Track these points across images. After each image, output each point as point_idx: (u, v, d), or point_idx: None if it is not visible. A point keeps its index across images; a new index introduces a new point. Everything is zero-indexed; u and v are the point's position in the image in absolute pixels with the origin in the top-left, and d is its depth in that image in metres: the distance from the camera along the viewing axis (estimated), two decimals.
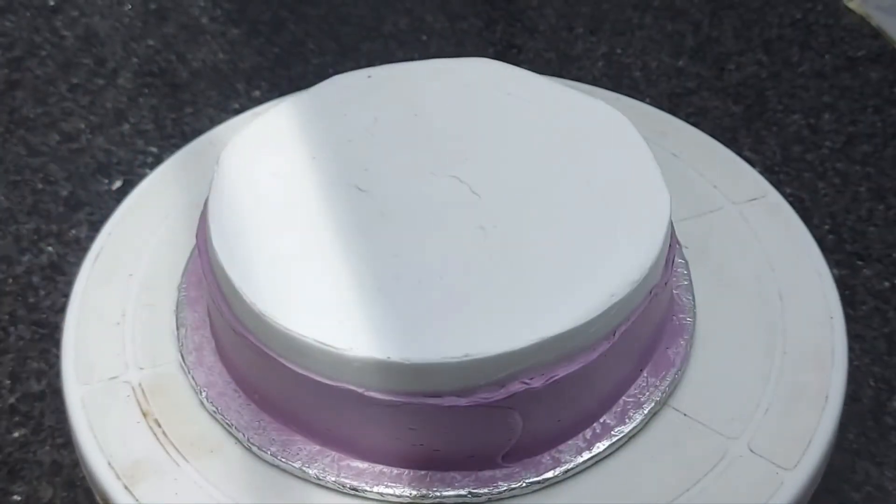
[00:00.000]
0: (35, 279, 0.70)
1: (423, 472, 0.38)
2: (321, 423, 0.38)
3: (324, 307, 0.37)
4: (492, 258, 0.38)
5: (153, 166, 0.66)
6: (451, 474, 0.38)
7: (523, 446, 0.38)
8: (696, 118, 0.82)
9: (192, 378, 0.42)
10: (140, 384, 0.42)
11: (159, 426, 0.41)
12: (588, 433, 0.39)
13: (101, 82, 0.87)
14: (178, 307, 0.45)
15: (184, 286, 0.46)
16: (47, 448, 0.60)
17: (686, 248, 0.47)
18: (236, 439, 0.40)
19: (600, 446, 0.39)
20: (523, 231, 0.39)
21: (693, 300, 0.44)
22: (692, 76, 0.87)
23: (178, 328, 0.44)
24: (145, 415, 0.41)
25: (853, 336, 0.65)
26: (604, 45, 0.91)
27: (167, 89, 0.86)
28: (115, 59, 0.90)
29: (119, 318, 0.45)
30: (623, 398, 0.40)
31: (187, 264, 0.47)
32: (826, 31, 0.92)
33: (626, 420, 0.40)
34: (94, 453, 0.40)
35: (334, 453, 0.39)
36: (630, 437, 0.40)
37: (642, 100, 0.62)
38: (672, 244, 0.42)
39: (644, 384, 0.41)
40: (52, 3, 0.96)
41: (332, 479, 0.38)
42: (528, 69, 0.48)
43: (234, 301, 0.38)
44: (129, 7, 0.95)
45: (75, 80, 0.88)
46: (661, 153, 0.50)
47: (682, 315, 0.44)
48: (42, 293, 0.69)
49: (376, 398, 0.36)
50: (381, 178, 0.42)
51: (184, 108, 0.85)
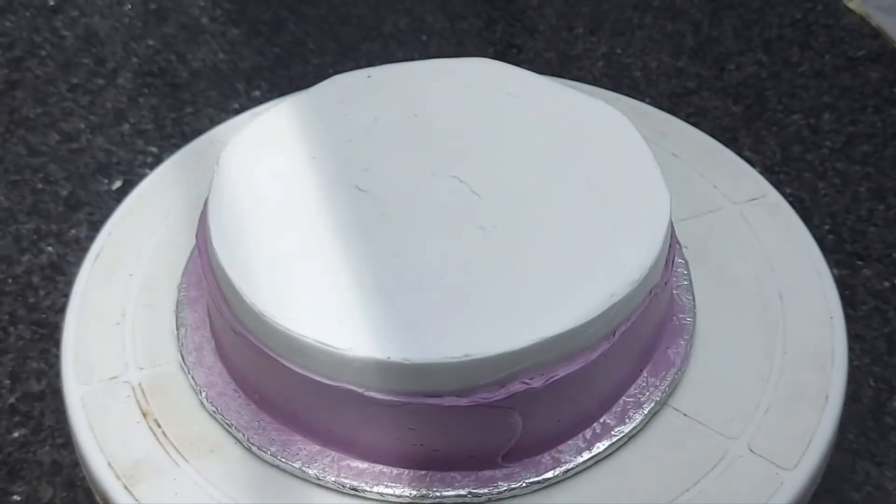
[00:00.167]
0: (35, 279, 0.70)
1: (423, 472, 0.38)
2: (321, 423, 0.38)
3: (324, 307, 0.37)
4: (492, 258, 0.38)
5: (153, 166, 0.66)
6: (451, 474, 0.38)
7: (523, 446, 0.38)
8: (696, 118, 0.82)
9: (192, 378, 0.42)
10: (140, 384, 0.42)
11: (159, 426, 0.41)
12: (588, 433, 0.39)
13: (101, 82, 0.87)
14: (178, 307, 0.45)
15: (184, 286, 0.46)
16: (47, 448, 0.60)
17: (686, 248, 0.47)
18: (236, 439, 0.40)
19: (600, 446, 0.39)
20: (523, 231, 0.39)
21: (693, 300, 0.44)
22: (692, 76, 0.87)
23: (178, 328, 0.44)
24: (145, 415, 0.41)
25: (853, 336, 0.65)
26: (604, 45, 0.91)
27: (167, 89, 0.86)
28: (115, 59, 0.90)
29: (119, 318, 0.45)
30: (623, 398, 0.40)
31: (187, 264, 0.47)
32: (826, 31, 0.92)
33: (626, 420, 0.40)
34: (94, 453, 0.40)
35: (334, 453, 0.39)
36: (630, 437, 0.40)
37: (642, 100, 0.62)
38: (672, 244, 0.42)
39: (644, 384, 0.41)
40: (52, 3, 0.96)
41: (332, 479, 0.38)
42: (528, 69, 0.48)
43: (234, 301, 0.39)
44: (129, 7, 0.95)
45: (75, 80, 0.88)
46: (661, 153, 0.50)
47: (682, 315, 0.44)
48: (42, 293, 0.69)
49: (376, 398, 0.36)
50: (381, 178, 0.42)
51: (184, 108, 0.85)
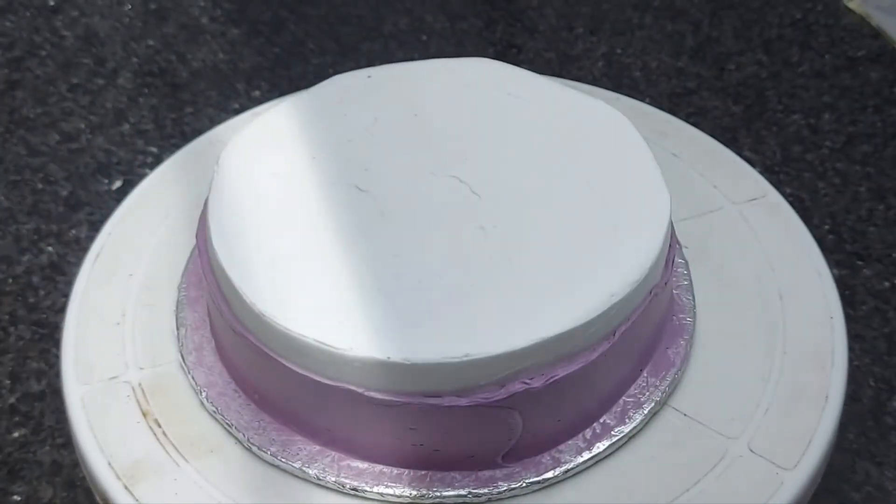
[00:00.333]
0: (35, 279, 0.70)
1: (423, 472, 0.38)
2: (321, 423, 0.38)
3: (324, 307, 0.37)
4: (492, 258, 0.38)
5: (153, 166, 0.66)
6: (451, 474, 0.38)
7: (523, 446, 0.38)
8: (696, 118, 0.82)
9: (192, 378, 0.42)
10: (140, 384, 0.42)
11: (159, 426, 0.41)
12: (588, 433, 0.39)
13: (101, 82, 0.87)
14: (178, 307, 0.45)
15: (184, 286, 0.46)
16: (47, 448, 0.60)
17: (686, 248, 0.47)
18: (236, 439, 0.40)
19: (600, 446, 0.39)
20: (523, 231, 0.39)
21: (693, 300, 0.44)
22: (692, 76, 0.87)
23: (178, 328, 0.44)
24: (145, 415, 0.41)
25: (853, 336, 0.65)
26: (604, 45, 0.91)
27: (167, 89, 0.86)
28: (115, 59, 0.90)
29: (119, 318, 0.45)
30: (623, 398, 0.40)
31: (187, 264, 0.47)
32: (826, 31, 0.92)
33: (626, 420, 0.40)
34: (94, 453, 0.40)
35: (334, 453, 0.39)
36: (630, 437, 0.40)
37: (642, 100, 0.62)
38: (672, 244, 0.42)
39: (644, 384, 0.41)
40: (52, 3, 0.96)
41: (333, 479, 0.38)
42: (528, 69, 0.48)
43: (234, 301, 0.38)
44: (129, 7, 0.95)
45: (75, 80, 0.88)
46: (661, 153, 0.50)
47: (682, 315, 0.44)
48: (42, 293, 0.69)
49: (376, 398, 0.36)
50: (381, 178, 0.42)
51: (184, 108, 0.85)
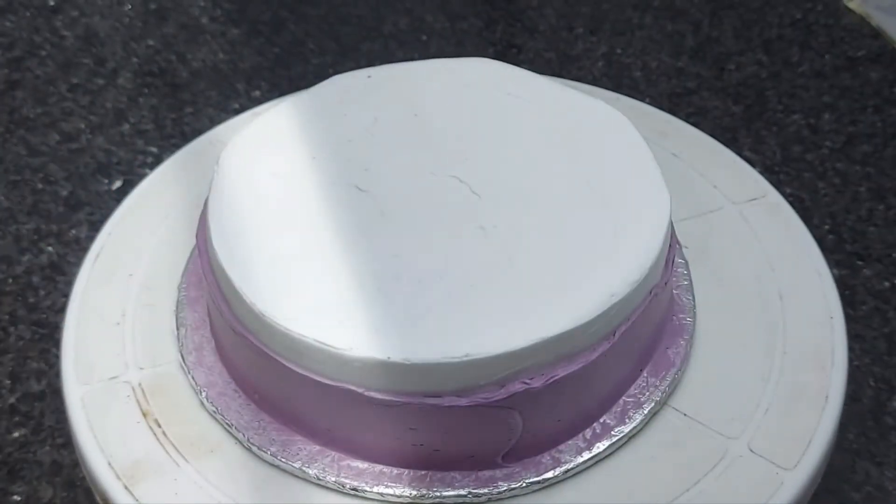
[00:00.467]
0: (35, 279, 0.70)
1: (423, 472, 0.38)
2: (321, 423, 0.38)
3: (324, 307, 0.37)
4: (492, 258, 0.38)
5: (153, 166, 0.66)
6: (451, 474, 0.38)
7: (523, 446, 0.38)
8: (696, 118, 0.82)
9: (192, 378, 0.42)
10: (140, 384, 0.42)
11: (159, 426, 0.41)
12: (588, 433, 0.39)
13: (101, 82, 0.87)
14: (178, 307, 0.45)
15: (184, 286, 0.46)
16: (47, 448, 0.60)
17: (686, 248, 0.47)
18: (236, 439, 0.40)
19: (600, 446, 0.39)
20: (523, 231, 0.39)
21: (693, 300, 0.44)
22: (692, 76, 0.87)
23: (178, 328, 0.44)
24: (145, 415, 0.41)
25: (853, 336, 0.65)
26: (604, 45, 0.91)
27: (167, 89, 0.86)
28: (115, 59, 0.90)
29: (119, 318, 0.45)
30: (623, 398, 0.40)
31: (187, 264, 0.47)
32: (826, 31, 0.92)
33: (626, 420, 0.40)
34: (94, 453, 0.40)
35: (334, 453, 0.39)
36: (630, 437, 0.40)
37: (642, 100, 0.62)
38: (672, 244, 0.42)
39: (644, 384, 0.41)
40: (52, 3, 0.96)
41: (333, 479, 0.38)
42: (528, 69, 0.48)
43: (234, 301, 0.38)
44: (129, 7, 0.95)
45: (75, 80, 0.88)
46: (661, 153, 0.50)
47: (682, 315, 0.44)
48: (42, 293, 0.69)
49: (376, 398, 0.36)
50: (381, 178, 0.42)
51: (184, 108, 0.85)
